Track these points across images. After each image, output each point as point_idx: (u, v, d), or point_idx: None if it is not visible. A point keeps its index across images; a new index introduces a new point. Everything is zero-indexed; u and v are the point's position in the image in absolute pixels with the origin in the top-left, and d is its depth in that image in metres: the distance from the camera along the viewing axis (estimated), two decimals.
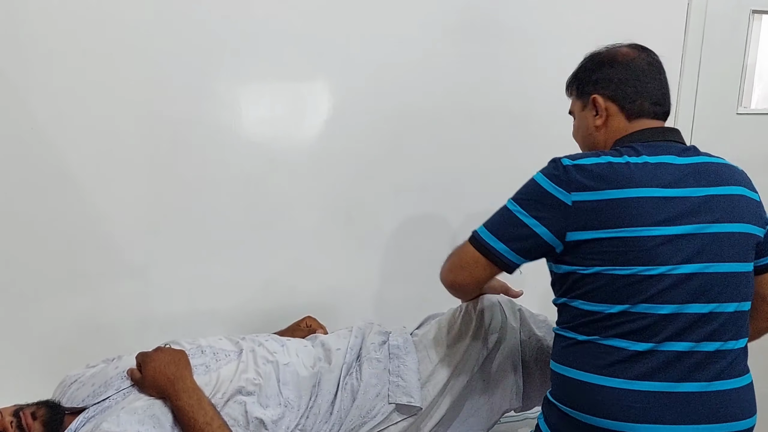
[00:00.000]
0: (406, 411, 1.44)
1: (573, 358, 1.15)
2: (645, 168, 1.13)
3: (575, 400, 1.12)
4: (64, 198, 1.69)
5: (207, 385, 1.37)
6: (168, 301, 1.82)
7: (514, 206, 1.19)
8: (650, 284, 1.09)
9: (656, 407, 1.06)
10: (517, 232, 1.17)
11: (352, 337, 1.57)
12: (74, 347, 1.73)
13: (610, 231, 1.10)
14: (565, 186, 1.13)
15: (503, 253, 1.18)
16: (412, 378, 1.46)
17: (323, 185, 1.92)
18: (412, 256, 2.03)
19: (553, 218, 1.13)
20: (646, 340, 1.08)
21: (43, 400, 1.36)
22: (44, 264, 1.70)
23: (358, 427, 1.43)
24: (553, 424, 1.16)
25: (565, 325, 1.20)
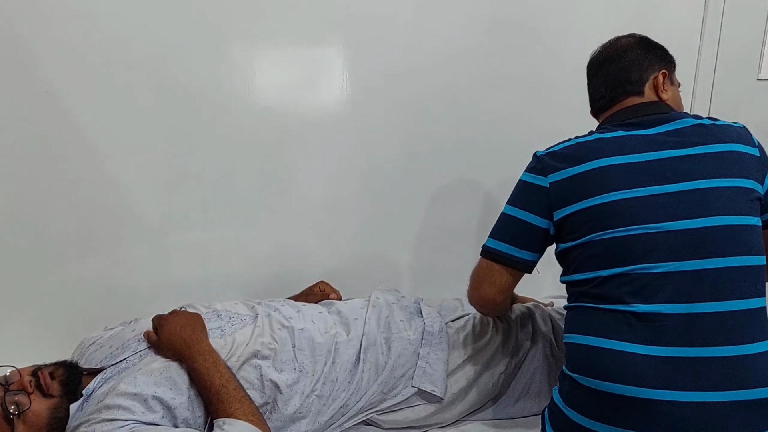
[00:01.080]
0: (427, 398, 1.45)
1: (581, 326, 1.17)
2: (610, 141, 1.20)
3: (585, 366, 1.12)
4: (80, 162, 1.69)
5: (222, 348, 1.38)
6: (183, 265, 1.83)
7: (508, 208, 1.29)
8: (639, 243, 1.11)
9: (666, 372, 1.04)
10: (516, 229, 1.26)
11: (369, 307, 1.56)
12: (91, 310, 1.75)
13: (586, 201, 1.16)
14: (540, 172, 1.24)
15: (512, 253, 1.26)
16: (440, 368, 1.47)
17: (338, 150, 1.91)
18: (427, 223, 2.03)
19: (539, 203, 1.23)
20: (648, 301, 1.08)
21: (61, 361, 1.38)
22: (61, 228, 1.71)
23: (378, 402, 1.44)
24: (565, 394, 1.16)
25: (572, 299, 1.22)
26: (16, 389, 1.25)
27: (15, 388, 1.25)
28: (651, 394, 1.04)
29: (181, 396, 1.31)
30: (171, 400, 1.29)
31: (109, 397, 1.27)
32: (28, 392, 1.25)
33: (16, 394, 1.24)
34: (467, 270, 1.62)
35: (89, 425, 1.23)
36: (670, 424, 1.02)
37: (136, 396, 1.27)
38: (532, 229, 1.24)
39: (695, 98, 2.19)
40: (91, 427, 1.23)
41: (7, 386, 1.25)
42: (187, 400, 1.31)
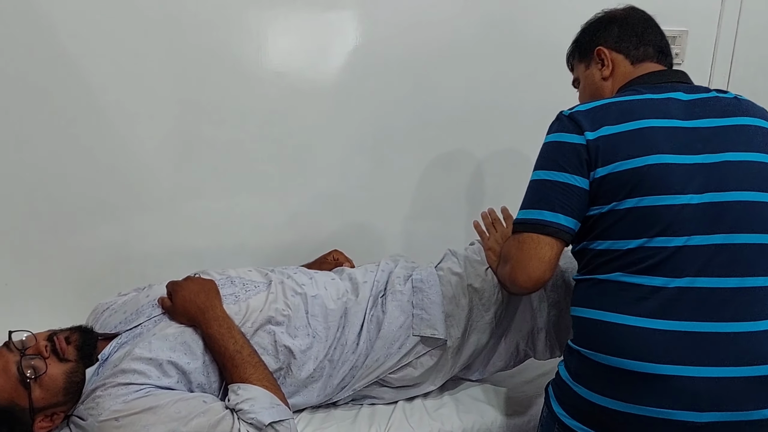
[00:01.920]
0: (431, 343, 1.45)
1: (592, 299, 1.13)
2: (649, 103, 1.14)
3: (595, 341, 1.09)
4: (92, 129, 1.68)
5: (236, 314, 1.38)
6: (195, 233, 1.83)
7: (539, 174, 1.17)
8: (665, 215, 1.06)
9: (681, 347, 1.02)
10: (554, 194, 1.14)
11: (378, 270, 1.57)
12: (105, 276, 1.76)
13: (625, 162, 1.09)
14: (575, 129, 1.14)
15: (555, 220, 1.13)
16: (436, 311, 1.45)
17: (351, 117, 1.89)
18: (439, 191, 2.01)
19: (577, 161, 1.13)
20: (667, 275, 1.05)
21: (76, 326, 1.38)
22: (74, 195, 1.71)
23: (384, 358, 1.44)
24: (572, 369, 1.13)
25: (584, 270, 1.17)
26: (32, 354, 1.26)
27: (31, 352, 1.26)
28: (663, 369, 1.02)
29: (196, 361, 1.31)
30: (186, 365, 1.30)
31: (125, 361, 1.27)
32: (44, 357, 1.26)
33: (32, 359, 1.25)
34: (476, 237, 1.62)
35: (105, 389, 1.24)
36: (681, 400, 1.01)
37: (152, 361, 1.27)
38: (573, 190, 1.12)
39: (714, 72, 2.17)
40: (107, 391, 1.24)
41: (23, 351, 1.25)
42: (201, 365, 1.32)
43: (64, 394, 1.27)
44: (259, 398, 1.24)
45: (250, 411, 1.21)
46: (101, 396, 1.24)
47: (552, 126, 1.20)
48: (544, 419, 1.21)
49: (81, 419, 1.27)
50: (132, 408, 1.20)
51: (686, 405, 1.00)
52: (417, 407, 1.46)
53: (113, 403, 1.22)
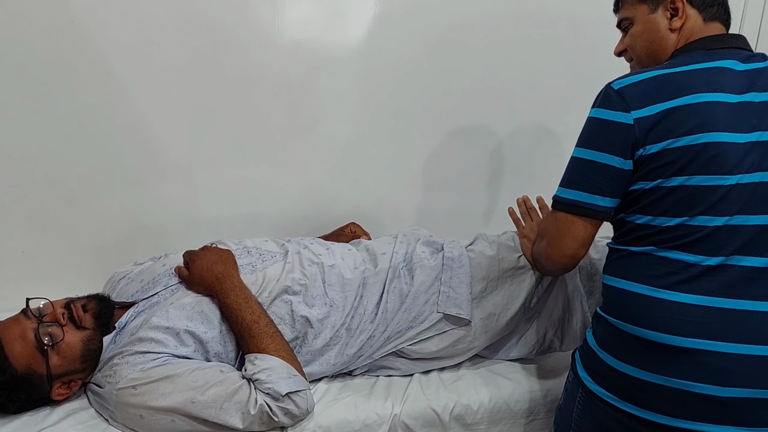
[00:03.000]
0: (454, 322, 1.44)
1: (625, 270, 1.12)
2: (703, 74, 1.08)
3: (624, 311, 1.09)
4: (109, 98, 1.66)
5: (253, 284, 1.37)
6: (212, 203, 1.82)
7: (580, 151, 1.13)
8: (710, 194, 1.03)
9: (711, 323, 1.01)
10: (595, 175, 1.10)
11: (396, 242, 1.56)
12: (121, 245, 1.76)
13: (673, 141, 1.04)
14: (622, 107, 1.08)
15: (594, 202, 1.11)
16: (464, 291, 1.44)
17: (368, 87, 1.86)
18: (457, 164, 1.99)
19: (621, 143, 1.08)
20: (704, 253, 1.03)
21: (93, 294, 1.38)
22: (91, 163, 1.70)
23: (405, 330, 1.43)
24: (599, 337, 1.13)
25: (619, 239, 1.16)
26: (49, 321, 1.26)
27: (48, 320, 1.26)
28: (690, 343, 1.01)
29: (213, 330, 1.31)
30: (203, 334, 1.30)
31: (142, 330, 1.27)
32: (62, 324, 1.26)
33: (49, 326, 1.25)
34: (498, 211, 1.60)
35: (123, 357, 1.25)
36: (707, 373, 1.00)
37: (169, 329, 1.27)
38: (614, 172, 1.09)
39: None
40: (124, 359, 1.24)
41: (41, 318, 1.26)
42: (218, 334, 1.32)
43: (82, 361, 1.27)
44: (276, 368, 1.24)
45: (267, 381, 1.21)
46: (119, 364, 1.24)
47: (598, 99, 1.13)
48: (569, 384, 1.21)
49: (98, 387, 1.27)
50: (149, 376, 1.21)
51: (711, 379, 1.00)
52: (433, 380, 1.45)
53: (131, 371, 1.22)
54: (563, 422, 1.23)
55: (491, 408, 1.40)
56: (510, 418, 1.42)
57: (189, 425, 1.20)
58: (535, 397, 1.43)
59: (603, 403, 1.10)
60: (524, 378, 1.47)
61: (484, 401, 1.40)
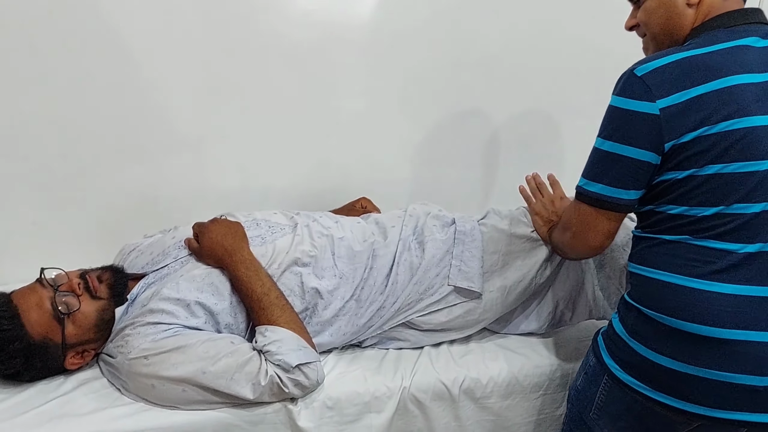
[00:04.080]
0: (465, 295, 1.44)
1: (658, 260, 1.08)
2: (728, 54, 1.03)
3: (659, 301, 1.06)
4: (118, 69, 1.65)
5: (263, 256, 1.38)
6: (221, 175, 1.82)
7: (603, 143, 1.08)
8: (746, 181, 1.00)
9: (747, 312, 0.99)
10: (619, 169, 1.06)
11: (406, 216, 1.55)
12: (130, 218, 1.76)
13: (706, 129, 1.00)
14: (646, 96, 1.02)
15: (618, 196, 1.08)
16: (475, 265, 1.44)
17: (379, 61, 1.83)
18: (469, 138, 1.97)
19: (647, 135, 1.03)
20: (741, 241, 1.01)
21: (107, 265, 1.40)
22: (101, 136, 1.69)
23: (415, 302, 1.43)
24: (630, 326, 1.10)
25: (649, 229, 1.12)
26: (65, 291, 1.27)
27: (64, 289, 1.27)
28: (728, 333, 0.99)
29: (223, 302, 1.32)
30: (213, 306, 1.30)
31: (153, 301, 1.28)
32: (77, 294, 1.27)
33: (65, 295, 1.26)
34: (510, 187, 1.58)
35: (134, 328, 1.26)
36: (744, 363, 0.99)
37: (179, 301, 1.28)
38: (640, 166, 1.05)
39: None
40: (136, 330, 1.25)
41: (56, 287, 1.27)
42: (229, 306, 1.32)
43: (96, 331, 1.29)
44: (287, 340, 1.24)
45: (278, 352, 1.22)
46: (130, 335, 1.25)
47: (619, 86, 1.07)
48: (591, 368, 1.18)
49: (110, 357, 1.29)
50: (161, 347, 1.22)
51: (748, 369, 0.98)
52: (443, 353, 1.46)
53: (142, 341, 1.23)
54: (581, 404, 1.21)
55: (501, 382, 1.40)
56: (520, 392, 1.42)
57: (200, 395, 1.21)
58: (545, 372, 1.43)
59: (633, 392, 1.08)
60: (534, 353, 1.47)
61: (494, 375, 1.40)
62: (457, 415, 1.39)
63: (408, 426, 1.37)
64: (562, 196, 1.50)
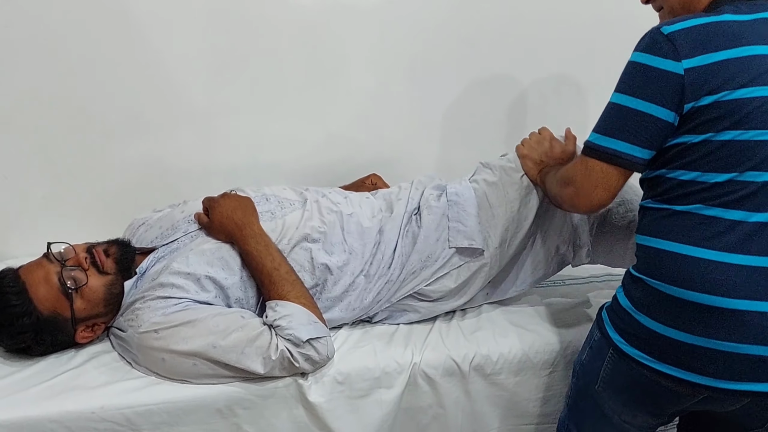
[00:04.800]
0: (469, 254, 1.42)
1: (668, 230, 1.07)
2: (749, 25, 1.02)
3: (666, 272, 1.05)
4: (126, 43, 1.63)
5: (273, 231, 1.37)
6: (230, 150, 1.81)
7: (621, 98, 1.06)
8: (762, 149, 0.99)
9: (754, 282, 0.98)
10: (635, 124, 1.04)
11: (412, 188, 1.54)
12: (139, 192, 1.76)
13: (725, 94, 0.99)
14: (672, 55, 1.01)
15: (633, 153, 1.05)
16: (472, 222, 1.42)
17: (389, 35, 1.81)
18: (478, 113, 1.95)
19: (668, 93, 1.01)
20: (749, 209, 1.00)
21: (114, 239, 1.38)
22: (109, 109, 1.68)
23: (419, 271, 1.42)
24: (636, 299, 1.09)
25: (659, 198, 1.10)
26: (72, 265, 1.26)
27: (71, 264, 1.27)
28: (737, 304, 0.98)
29: (234, 276, 1.31)
30: (224, 280, 1.30)
31: (163, 275, 1.28)
32: (84, 268, 1.27)
33: (72, 270, 1.25)
34: None
35: (145, 302, 1.26)
36: (753, 333, 0.98)
37: (189, 275, 1.28)
38: (657, 123, 1.03)
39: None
40: (146, 304, 1.25)
41: (64, 262, 1.26)
42: (239, 280, 1.32)
43: (105, 305, 1.28)
44: (297, 315, 1.24)
45: (288, 327, 1.21)
46: (141, 309, 1.25)
47: (643, 43, 1.05)
48: (595, 342, 1.18)
49: (121, 330, 1.29)
50: (171, 321, 1.22)
51: (756, 339, 0.98)
52: (453, 329, 1.45)
53: (153, 315, 1.23)
54: (585, 377, 1.22)
55: (511, 359, 1.39)
56: (530, 369, 1.41)
57: (210, 369, 1.21)
58: (555, 350, 1.42)
59: (638, 365, 1.08)
60: (545, 330, 1.46)
61: (505, 352, 1.39)
62: (466, 390, 1.39)
63: (417, 401, 1.37)
64: (551, 137, 1.48)
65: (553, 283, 1.67)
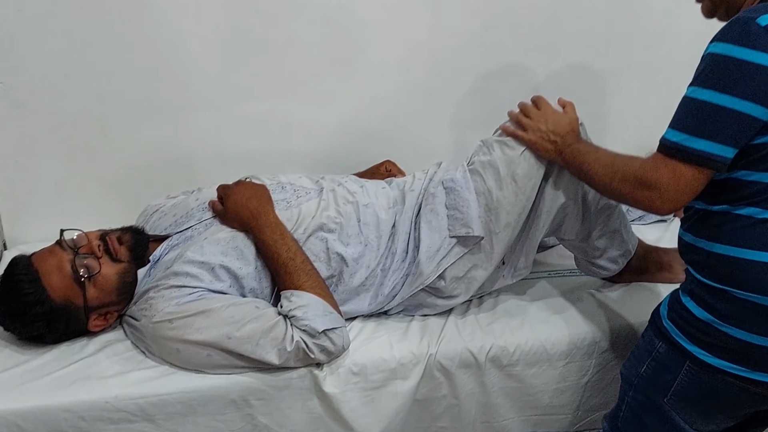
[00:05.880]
0: (470, 242, 1.37)
1: (756, 238, 1.01)
2: None
3: (757, 283, 0.99)
4: (141, 27, 1.60)
5: (288, 220, 1.35)
6: (245, 136, 1.78)
7: (708, 93, 0.97)
8: None
9: None
10: (727, 122, 0.96)
11: (426, 178, 1.50)
12: (154, 178, 1.74)
13: None
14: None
15: (723, 154, 0.97)
16: (468, 209, 1.36)
17: (408, 18, 1.76)
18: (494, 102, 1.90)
19: (762, 88, 0.94)
20: None
21: (127, 226, 1.37)
22: (123, 94, 1.65)
23: (426, 263, 1.37)
24: (722, 311, 1.03)
25: (742, 202, 1.03)
26: (85, 253, 1.25)
27: (84, 252, 1.25)
28: None
29: (248, 266, 1.30)
30: (238, 270, 1.28)
31: (177, 264, 1.26)
32: (97, 256, 1.25)
33: (85, 258, 1.24)
34: None
35: (158, 291, 1.24)
36: None
37: (204, 264, 1.26)
38: (752, 123, 0.96)
39: None
40: (160, 293, 1.24)
41: (76, 250, 1.25)
42: (254, 270, 1.30)
43: (118, 293, 1.27)
44: (312, 305, 1.22)
45: (303, 318, 1.20)
46: (154, 297, 1.24)
47: (734, 34, 0.96)
48: (661, 355, 1.13)
49: (134, 319, 1.27)
50: (185, 311, 1.20)
51: None
52: (470, 321, 1.43)
53: (167, 304, 1.21)
54: (651, 390, 1.16)
55: (528, 350, 1.38)
56: (546, 360, 1.40)
57: (225, 360, 1.20)
58: (572, 341, 1.41)
59: (726, 375, 1.04)
60: (562, 321, 1.44)
61: (521, 343, 1.38)
62: (481, 381, 1.38)
63: (432, 392, 1.36)
64: (552, 110, 1.37)
65: (570, 273, 1.64)
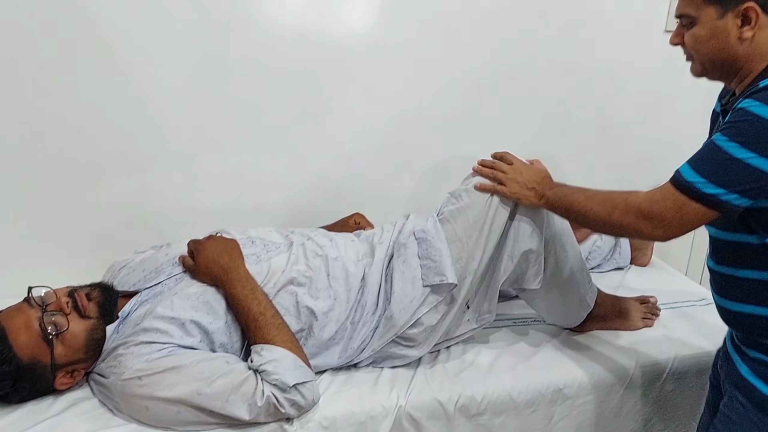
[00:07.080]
0: (443, 290, 1.40)
1: None
2: None
3: None
4: (111, 82, 1.63)
5: (258, 274, 1.36)
6: (215, 191, 1.80)
7: (740, 151, 1.01)
8: None
9: None
10: (752, 179, 1.00)
11: (395, 231, 1.54)
12: (120, 233, 1.74)
13: None
14: None
15: (739, 204, 1.03)
16: (440, 258, 1.39)
17: (374, 76, 1.84)
18: (465, 156, 1.98)
19: None
20: None
21: (96, 282, 1.36)
22: (90, 149, 1.66)
23: (398, 314, 1.39)
24: None
25: None
26: (53, 310, 1.24)
27: (52, 308, 1.25)
28: None
29: (219, 321, 1.30)
30: (209, 325, 1.29)
31: (147, 320, 1.26)
32: (66, 313, 1.25)
33: (53, 315, 1.23)
34: None
35: (128, 347, 1.24)
36: None
37: (174, 320, 1.26)
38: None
39: None
40: (129, 350, 1.23)
41: (44, 307, 1.24)
42: (224, 324, 1.31)
43: (86, 351, 1.26)
44: (283, 360, 1.23)
45: (274, 372, 1.20)
46: (123, 354, 1.23)
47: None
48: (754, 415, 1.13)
49: (102, 377, 1.26)
50: (155, 367, 1.20)
51: None
52: (438, 371, 1.45)
53: (136, 361, 1.21)
54: None
55: (494, 399, 1.40)
56: (512, 409, 1.42)
57: (195, 416, 1.19)
58: (537, 389, 1.43)
59: None
60: (527, 369, 1.47)
61: (488, 393, 1.40)
62: None
63: None
64: (522, 163, 1.44)
65: (534, 321, 1.68)
